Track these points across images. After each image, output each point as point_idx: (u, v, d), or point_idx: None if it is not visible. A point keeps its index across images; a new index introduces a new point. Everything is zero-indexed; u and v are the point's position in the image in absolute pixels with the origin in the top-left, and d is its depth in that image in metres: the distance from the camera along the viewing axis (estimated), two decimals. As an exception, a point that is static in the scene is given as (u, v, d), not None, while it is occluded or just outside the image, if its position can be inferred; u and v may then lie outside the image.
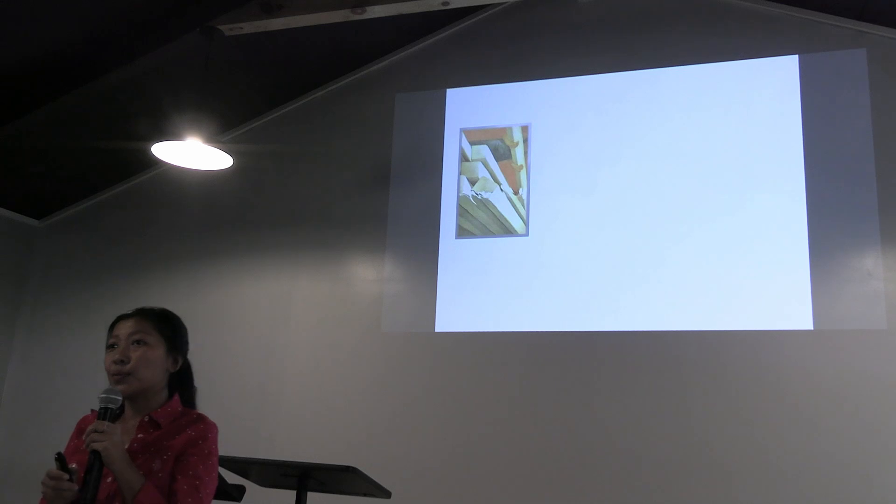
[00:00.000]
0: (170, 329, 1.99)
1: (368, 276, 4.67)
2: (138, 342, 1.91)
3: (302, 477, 2.83)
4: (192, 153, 4.05)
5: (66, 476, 1.71)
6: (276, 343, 4.72)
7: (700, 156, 4.20)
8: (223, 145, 4.05)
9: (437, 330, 4.44)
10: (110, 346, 1.93)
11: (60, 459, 1.74)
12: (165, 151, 4.02)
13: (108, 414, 1.77)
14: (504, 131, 4.60)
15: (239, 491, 3.06)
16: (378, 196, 4.75)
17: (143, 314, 1.98)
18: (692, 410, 3.91)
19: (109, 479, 1.76)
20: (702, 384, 3.93)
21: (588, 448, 4.02)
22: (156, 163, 4.89)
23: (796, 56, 4.15)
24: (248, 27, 4.15)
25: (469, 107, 4.71)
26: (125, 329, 1.93)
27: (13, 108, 4.40)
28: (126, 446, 1.80)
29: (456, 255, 4.52)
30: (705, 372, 3.94)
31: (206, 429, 1.91)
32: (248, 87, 4.92)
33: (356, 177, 4.85)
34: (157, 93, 4.50)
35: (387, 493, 2.95)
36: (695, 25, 4.39)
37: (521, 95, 4.62)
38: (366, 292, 4.64)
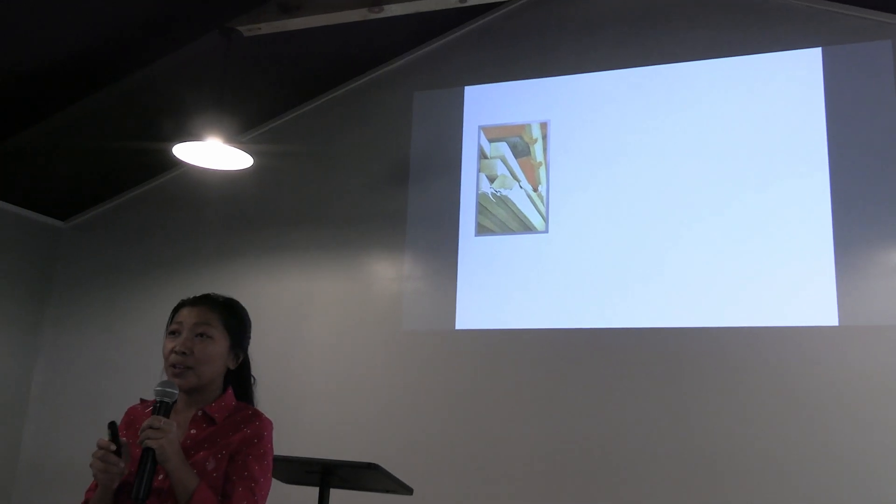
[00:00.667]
0: (235, 323, 1.89)
1: (388, 275, 4.68)
2: (202, 335, 1.81)
3: (325, 474, 2.84)
4: (212, 153, 4.08)
5: (113, 446, 1.63)
6: (296, 342, 4.75)
7: (722, 151, 4.16)
8: (243, 145, 4.08)
9: (457, 327, 4.44)
10: (172, 333, 1.83)
11: (112, 428, 1.66)
12: (186, 152, 4.06)
13: (163, 409, 1.67)
14: (523, 128, 4.59)
15: (262, 488, 3.08)
16: (397, 194, 4.75)
17: (211, 304, 1.87)
18: (714, 408, 3.88)
19: (161, 476, 1.66)
20: (725, 381, 3.90)
21: (609, 445, 4.01)
22: (177, 163, 4.93)
23: (819, 49, 4.10)
24: (267, 27, 4.17)
25: (487, 104, 4.70)
26: (191, 317, 1.82)
27: (37, 111, 4.46)
28: (180, 441, 1.70)
29: (475, 253, 4.51)
30: (729, 369, 3.91)
31: (261, 427, 1.80)
32: (266, 87, 4.95)
33: (375, 175, 4.86)
34: (178, 94, 4.54)
35: (409, 490, 2.96)
36: (715, 19, 4.35)
37: (540, 92, 4.60)
38: (386, 291, 4.65)
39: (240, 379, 1.92)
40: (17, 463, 5.17)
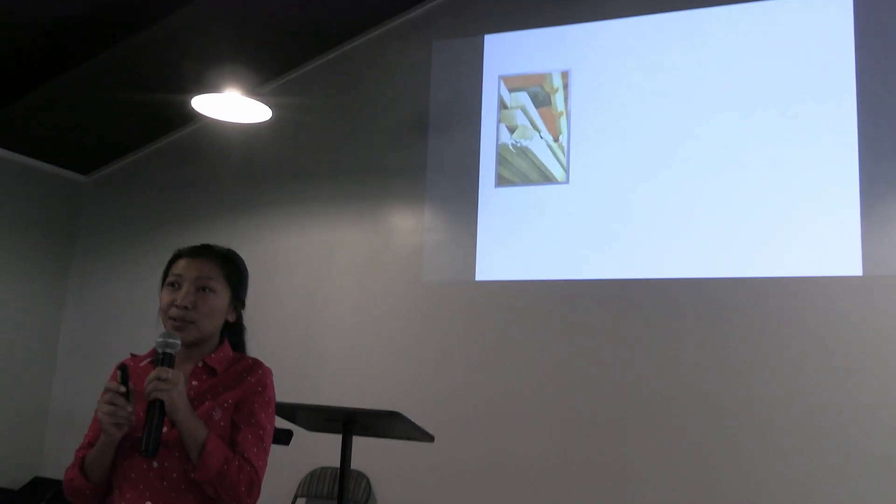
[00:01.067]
0: (236, 276, 1.84)
1: (408, 226, 4.68)
2: (205, 289, 1.76)
3: (347, 422, 2.88)
4: (231, 106, 4.06)
5: (123, 388, 1.60)
6: (318, 293, 4.79)
7: (747, 98, 4.08)
8: (262, 97, 4.06)
9: (477, 279, 4.44)
10: (171, 284, 1.77)
11: (123, 370, 1.63)
12: (205, 105, 4.04)
13: (167, 360, 1.63)
14: (543, 77, 4.52)
15: (287, 435, 3.14)
16: (417, 145, 4.72)
17: (211, 255, 1.82)
18: (734, 360, 3.88)
19: (166, 429, 1.63)
20: (745, 333, 3.89)
21: (627, 395, 4.03)
22: (196, 117, 4.92)
23: (850, -9, 3.97)
24: (284, -24, 4.11)
25: (507, 53, 4.63)
26: (192, 270, 1.77)
27: (55, 65, 4.46)
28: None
29: (496, 204, 4.49)
30: (748, 320, 3.89)
31: (264, 375, 1.80)
32: (285, 38, 4.89)
33: (395, 127, 4.83)
34: (196, 45, 4.51)
35: (430, 437, 2.99)
36: (742, -39, 4.22)
37: (561, 40, 4.51)
38: (406, 242, 4.66)
39: (236, 330, 1.88)
40: (47, 411, 5.31)
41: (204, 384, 1.74)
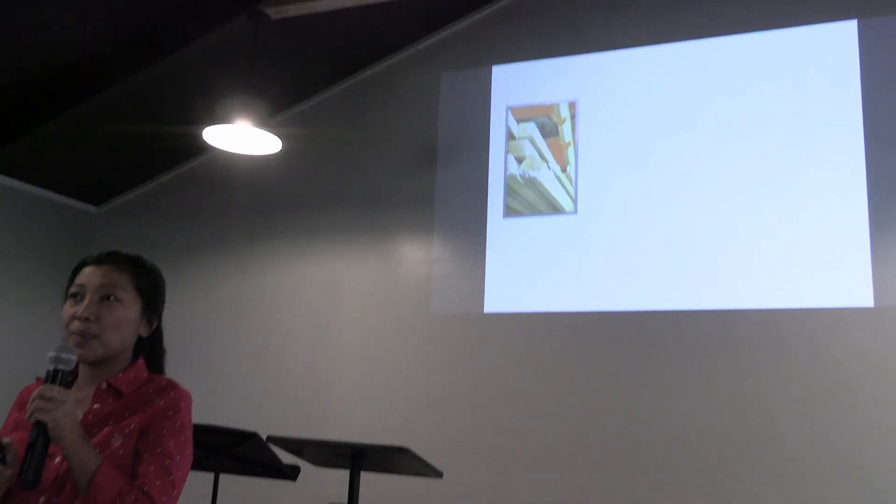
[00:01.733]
0: (148, 283, 1.66)
1: (417, 257, 4.68)
2: (109, 297, 1.56)
3: (355, 457, 2.86)
4: (241, 137, 4.10)
5: None
6: (327, 324, 4.78)
7: (754, 128, 4.08)
8: (272, 129, 4.09)
9: (486, 311, 4.43)
10: (72, 296, 1.58)
11: None
12: (216, 136, 4.08)
13: (58, 377, 1.41)
14: (551, 108, 4.54)
15: (294, 471, 3.12)
16: (425, 176, 4.74)
17: (117, 262, 1.63)
18: (747, 391, 3.84)
19: (58, 459, 1.43)
20: (757, 364, 3.85)
21: (639, 428, 3.99)
22: (207, 148, 4.96)
23: (855, 20, 3.98)
24: (295, 10, 4.16)
25: (515, 84, 4.65)
26: (95, 278, 1.58)
27: (68, 97, 4.51)
28: (79, 418, 1.47)
29: (504, 235, 4.49)
30: (761, 351, 3.86)
31: (178, 398, 1.56)
32: (295, 69, 4.95)
33: (403, 157, 4.85)
34: (208, 78, 4.56)
35: (438, 474, 2.97)
36: (748, -7, 4.25)
37: (568, 71, 4.54)
38: (415, 273, 4.66)
39: (151, 348, 1.67)
40: (56, 442, 5.29)
41: (107, 407, 1.53)
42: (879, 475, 3.54)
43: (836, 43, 4.00)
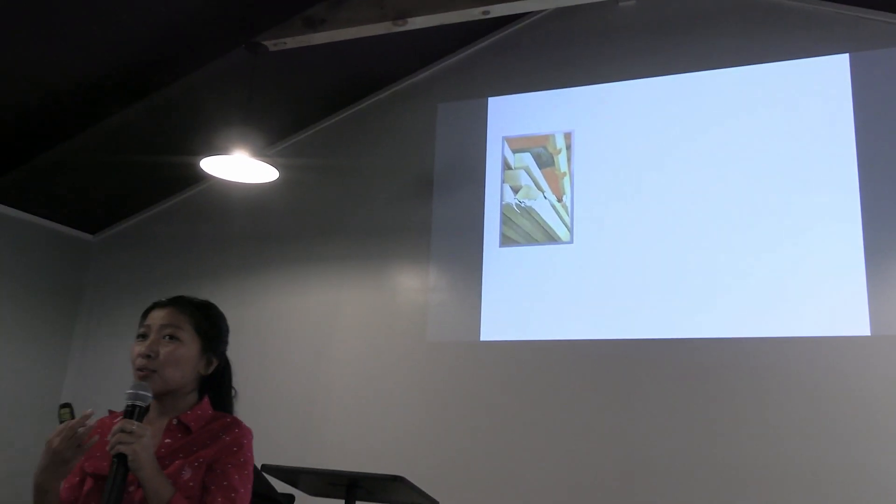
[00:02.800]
0: (208, 325, 1.78)
1: (413, 286, 4.68)
2: (170, 337, 1.70)
3: (350, 486, 2.84)
4: (239, 167, 4.12)
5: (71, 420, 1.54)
6: (323, 353, 4.77)
7: (749, 160, 4.12)
8: (269, 159, 4.12)
9: (482, 339, 4.42)
10: (140, 336, 1.73)
11: (70, 410, 1.56)
12: (213, 166, 4.10)
13: (136, 413, 1.55)
14: (547, 138, 4.58)
15: (288, 500, 3.09)
16: (422, 206, 4.77)
17: (181, 305, 1.77)
18: (744, 421, 3.82)
19: (132, 489, 1.55)
20: (754, 393, 3.84)
21: (635, 458, 3.96)
22: (204, 177, 4.99)
23: (846, 55, 4.05)
24: (292, 42, 4.22)
25: (511, 115, 4.70)
26: (158, 319, 1.73)
27: (66, 127, 4.54)
28: (154, 450, 1.58)
29: (500, 264, 4.50)
30: (759, 381, 3.85)
31: (241, 435, 1.70)
32: (292, 100, 4.99)
33: (400, 187, 4.88)
34: (205, 108, 4.60)
35: (434, 502, 2.94)
36: (739, 26, 4.32)
37: (564, 102, 4.59)
38: (411, 302, 4.66)
39: (218, 388, 1.80)
40: (47, 474, 5.23)
41: (177, 442, 1.66)
42: (878, 506, 3.52)
43: (829, 75, 4.06)
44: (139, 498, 1.54)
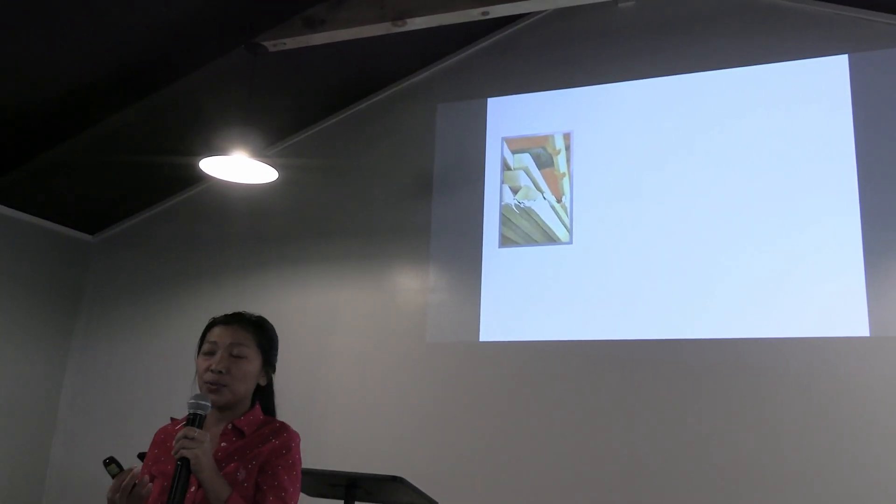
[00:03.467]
0: (267, 342, 1.99)
1: (413, 287, 4.68)
2: (238, 356, 1.90)
3: (349, 487, 2.84)
4: (238, 167, 4.12)
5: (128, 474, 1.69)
6: (322, 353, 4.77)
7: (748, 160, 4.12)
8: (268, 159, 4.12)
9: (481, 339, 4.43)
10: (207, 352, 1.91)
11: (115, 462, 1.73)
12: (213, 166, 4.10)
13: (196, 420, 1.74)
14: (546, 139, 4.59)
15: (287, 500, 3.09)
16: (421, 206, 4.77)
17: (244, 323, 1.96)
18: (742, 422, 3.83)
19: (193, 489, 1.73)
20: (753, 394, 3.84)
21: (634, 458, 3.96)
22: (203, 177, 4.99)
23: (846, 55, 4.05)
24: (292, 43, 4.22)
25: (510, 115, 4.70)
26: (225, 337, 1.91)
27: (66, 128, 4.54)
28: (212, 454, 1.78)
29: (499, 265, 4.50)
30: (757, 381, 3.85)
31: (289, 438, 1.89)
32: (292, 101, 4.99)
33: (399, 188, 4.88)
34: (204, 109, 4.60)
35: (433, 503, 2.94)
36: (739, 27, 4.32)
37: (563, 103, 4.60)
38: (410, 302, 4.66)
39: (267, 395, 2.00)
40: (46, 473, 5.24)
41: (232, 445, 1.84)
42: (877, 506, 3.52)
43: (828, 76, 4.07)
44: (200, 498, 1.72)
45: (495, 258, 4.52)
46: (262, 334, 1.97)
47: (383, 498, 3.05)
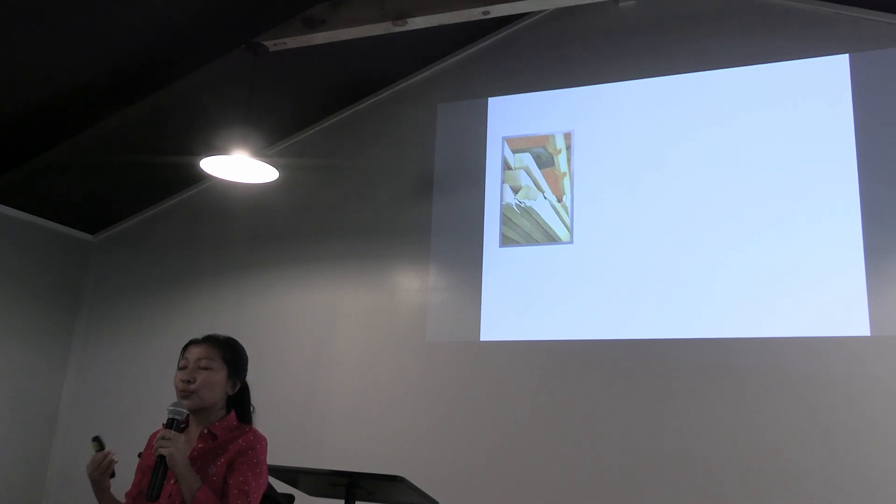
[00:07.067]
0: (232, 356, 2.27)
1: (413, 286, 4.69)
2: (204, 368, 2.20)
3: (350, 486, 2.84)
4: (239, 167, 4.12)
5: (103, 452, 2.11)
6: (322, 353, 4.77)
7: (749, 160, 4.12)
8: (269, 159, 4.12)
9: (481, 339, 4.43)
10: (181, 367, 2.22)
11: (99, 441, 2.15)
12: (213, 166, 4.11)
13: (174, 424, 2.07)
14: (546, 139, 4.59)
15: (288, 500, 3.10)
16: (422, 206, 4.77)
17: (212, 342, 2.26)
18: (745, 421, 3.83)
19: (172, 482, 2.06)
20: (755, 393, 3.84)
21: (634, 457, 3.96)
22: (204, 177, 4.99)
23: (846, 55, 4.05)
24: (292, 42, 4.22)
25: (511, 115, 4.71)
26: (195, 353, 2.22)
27: (66, 127, 4.54)
28: (188, 453, 2.08)
29: (500, 264, 4.51)
30: (759, 381, 3.85)
31: (254, 440, 2.18)
32: (292, 101, 4.99)
33: (400, 187, 4.88)
34: (205, 108, 4.60)
35: (434, 502, 2.94)
36: (739, 26, 4.32)
37: (563, 102, 4.60)
38: (411, 302, 4.66)
39: (241, 405, 2.30)
40: (46, 473, 5.24)
41: (207, 446, 2.16)
42: (878, 506, 3.52)
43: (829, 76, 4.07)
44: (177, 489, 2.05)
45: (496, 258, 4.52)
46: (227, 350, 2.26)
47: (384, 497, 3.05)
